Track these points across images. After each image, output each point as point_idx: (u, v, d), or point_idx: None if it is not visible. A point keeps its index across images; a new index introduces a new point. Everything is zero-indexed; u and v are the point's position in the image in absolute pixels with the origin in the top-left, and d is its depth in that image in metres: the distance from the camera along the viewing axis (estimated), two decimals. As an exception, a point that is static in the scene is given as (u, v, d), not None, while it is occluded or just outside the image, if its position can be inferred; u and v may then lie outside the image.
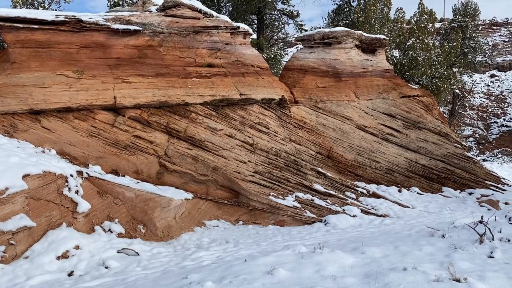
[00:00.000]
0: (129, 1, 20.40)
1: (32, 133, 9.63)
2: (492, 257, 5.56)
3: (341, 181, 13.38)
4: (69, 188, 8.12)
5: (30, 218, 7.00)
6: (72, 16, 10.52)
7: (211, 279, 5.10)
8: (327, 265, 5.24)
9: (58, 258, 6.98)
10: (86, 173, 9.15)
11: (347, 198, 12.49)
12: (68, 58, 10.41)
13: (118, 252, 7.69)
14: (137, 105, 10.71)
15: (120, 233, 8.64)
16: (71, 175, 8.34)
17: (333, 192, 12.41)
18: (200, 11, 12.50)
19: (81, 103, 10.12)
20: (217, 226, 10.61)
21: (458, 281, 4.37)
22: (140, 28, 11.19)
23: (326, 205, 11.74)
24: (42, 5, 17.77)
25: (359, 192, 13.31)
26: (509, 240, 6.31)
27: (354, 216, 11.44)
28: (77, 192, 8.30)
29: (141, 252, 7.86)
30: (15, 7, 16.23)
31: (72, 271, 6.72)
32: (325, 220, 10.99)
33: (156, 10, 12.26)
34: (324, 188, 12.40)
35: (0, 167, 6.93)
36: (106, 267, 6.94)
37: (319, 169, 13.24)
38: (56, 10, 17.82)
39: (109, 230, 8.57)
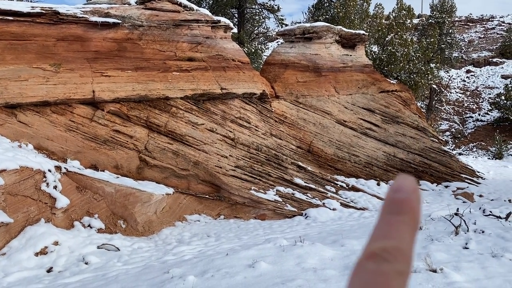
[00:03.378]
0: (107, -7, 20.04)
1: (8, 127, 9.41)
2: (467, 248, 5.73)
3: (321, 175, 13.52)
4: (47, 184, 7.98)
5: (7, 214, 6.87)
6: (48, 8, 10.28)
7: (193, 273, 5.12)
8: (307, 257, 5.32)
9: (36, 254, 6.88)
10: (65, 168, 9.00)
11: (327, 192, 12.63)
12: (45, 51, 10.18)
13: (98, 247, 7.62)
14: (117, 99, 10.57)
15: (100, 228, 8.55)
16: (49, 170, 8.20)
17: (313, 186, 12.54)
18: (180, 4, 12.38)
19: (59, 97, 9.93)
20: (199, 221, 10.60)
21: (435, 271, 4.50)
22: (119, 21, 11.03)
23: (307, 198, 11.85)
24: (17, -4, 17.30)
25: (338, 185, 13.48)
26: (483, 232, 6.51)
27: (334, 209, 11.59)
28: (55, 187, 8.17)
29: (122, 247, 7.81)
30: (-12, -3, 15.76)
31: (51, 267, 6.63)
32: (305, 214, 11.11)
33: (136, 3, 12.08)
34: (305, 182, 12.51)
35: (-25, 162, 6.77)
36: (86, 263, 6.88)
37: (300, 163, 13.35)
38: (31, 1, 17.38)
39: (89, 225, 8.47)
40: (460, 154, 28.02)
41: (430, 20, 33.50)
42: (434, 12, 33.61)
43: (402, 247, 0.36)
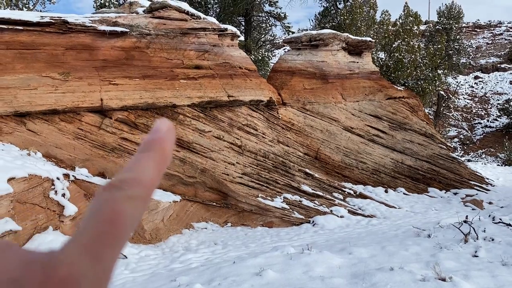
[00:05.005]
0: (115, 3, 20.28)
1: (17, 135, 9.51)
2: (477, 256, 5.67)
3: (329, 182, 13.47)
4: (56, 191, 8.03)
5: (16, 222, 6.91)
6: (57, 17, 10.42)
7: (200, 281, 5.11)
8: (315, 266, 5.29)
9: (44, 262, 6.89)
10: (73, 176, 9.06)
11: (334, 199, 12.58)
12: (54, 59, 10.30)
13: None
14: (124, 107, 10.64)
15: (108, 236, 8.57)
16: (58, 178, 8.25)
17: (320, 193, 12.49)
18: (187, 13, 12.48)
19: (67, 105, 10.02)
20: (206, 228, 10.59)
21: (444, 280, 4.45)
22: (127, 30, 11.14)
23: (314, 206, 11.81)
24: (27, 6, 17.57)
25: (346, 192, 13.41)
26: (493, 240, 6.44)
27: (341, 216, 11.53)
28: (63, 195, 8.21)
29: (129, 255, 7.82)
30: (-1, 8, 16.02)
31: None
32: (313, 221, 11.06)
33: (143, 11, 12.21)
34: (312, 189, 12.47)
35: (-16, 170, 6.84)
36: (94, 271, 6.88)
37: (307, 170, 13.32)
38: (41, 11, 17.62)
39: (97, 233, 8.48)
40: (468, 160, 27.80)
41: (438, 26, 33.43)
42: (441, 18, 33.55)
43: (140, 177, 0.38)
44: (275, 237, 9.73)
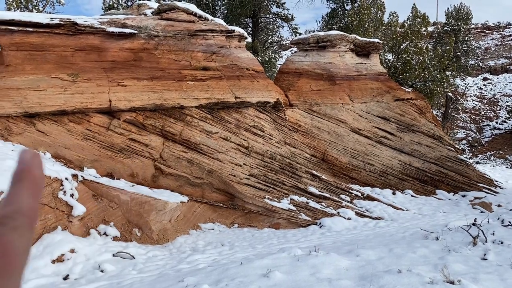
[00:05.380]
0: (124, 4, 20.41)
1: (26, 136, 9.60)
2: (486, 259, 5.63)
3: (336, 184, 13.44)
4: (64, 192, 8.10)
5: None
6: (67, 19, 10.51)
7: (207, 282, 5.13)
8: (322, 267, 5.28)
9: (53, 261, 6.96)
10: (81, 176, 9.12)
11: (341, 201, 12.55)
12: (63, 61, 10.40)
13: (113, 255, 7.68)
14: (133, 108, 10.71)
15: (116, 236, 8.62)
16: (66, 179, 8.32)
17: (328, 195, 12.47)
18: (195, 15, 12.54)
19: (76, 106, 10.10)
20: (213, 229, 10.61)
21: (452, 283, 4.42)
22: (135, 31, 11.21)
23: (321, 207, 11.79)
24: (37, 7, 17.74)
25: (353, 194, 13.37)
26: (502, 242, 6.39)
27: (348, 218, 11.50)
28: (72, 195, 8.28)
29: (137, 256, 7.86)
30: (9, 9, 16.19)
31: (68, 275, 6.70)
32: (320, 223, 11.04)
33: (151, 13, 12.28)
34: (319, 191, 12.45)
35: (-5, 170, 6.91)
36: (102, 271, 6.93)
37: (314, 172, 13.30)
38: (50, 13, 17.78)
39: (105, 233, 8.55)
40: (477, 163, 27.60)
41: (446, 28, 33.26)
42: (450, 20, 33.38)
43: (19, 208, 0.40)
44: (282, 239, 9.73)
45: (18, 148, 8.96)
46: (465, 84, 39.23)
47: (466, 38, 32.94)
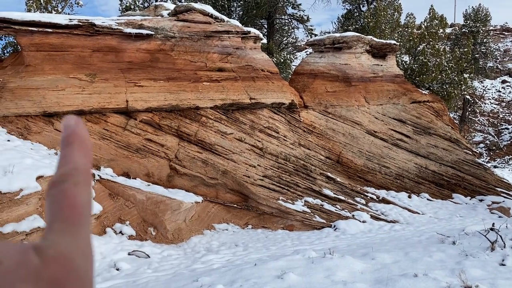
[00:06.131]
0: (141, 5, 20.61)
1: (45, 135, 9.77)
2: (504, 265, 5.53)
3: (351, 187, 13.35)
4: (81, 190, 8.19)
5: (43, 220, 7.09)
6: (85, 20, 10.66)
7: (221, 282, 5.14)
8: (337, 270, 5.25)
9: (70, 259, 7.05)
10: (98, 175, 9.24)
11: (356, 204, 12.46)
12: (81, 61, 10.55)
13: (129, 254, 7.75)
14: (149, 109, 10.81)
15: (131, 235, 8.71)
16: (83, 177, 8.42)
17: (342, 197, 12.39)
18: (211, 16, 12.60)
19: (94, 106, 10.24)
20: (227, 230, 10.64)
21: (470, 288, 4.36)
22: (152, 33, 11.31)
23: (336, 210, 11.72)
24: (56, 9, 18.02)
25: (368, 197, 13.27)
26: (521, 248, 6.26)
27: (363, 221, 11.41)
28: (89, 194, 8.37)
29: (152, 255, 7.92)
30: (29, 11, 16.49)
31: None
32: (334, 226, 10.98)
33: (168, 14, 12.38)
34: (334, 193, 12.39)
35: (14, 168, 7.04)
36: (117, 269, 7.01)
37: (329, 174, 13.24)
38: (69, 14, 18.05)
39: (120, 232, 8.64)
40: (495, 167, 27.14)
41: (464, 30, 32.79)
42: (468, 21, 32.89)
43: (75, 166, 0.43)
44: (296, 241, 9.70)
45: (36, 147, 9.12)
46: (483, 86, 38.62)
47: (484, 40, 32.42)
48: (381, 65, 16.43)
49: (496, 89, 41.03)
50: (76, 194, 0.42)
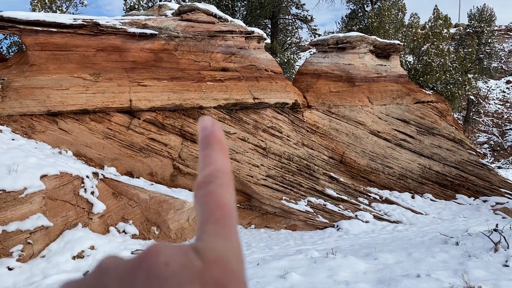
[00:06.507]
0: (145, 5, 20.66)
1: (49, 134, 9.81)
2: (507, 266, 5.52)
3: (354, 187, 13.34)
4: (85, 189, 8.25)
5: (47, 218, 7.13)
6: (89, 19, 10.71)
7: (224, 281, 5.14)
8: (339, 270, 5.26)
9: (73, 257, 7.09)
10: (102, 174, 9.27)
11: (359, 204, 12.45)
12: (85, 61, 10.59)
13: (132, 253, 7.78)
14: (152, 108, 10.84)
15: (134, 234, 8.74)
16: (87, 176, 8.47)
17: (345, 198, 12.38)
18: (215, 16, 12.62)
19: (98, 105, 10.28)
20: (229, 229, 10.64)
21: (473, 289, 4.35)
22: (156, 32, 11.34)
23: (339, 210, 11.71)
24: (60, 8, 18.09)
25: (371, 197, 13.25)
26: (524, 249, 6.24)
27: (366, 222, 11.40)
28: (92, 193, 8.42)
29: (155, 254, 7.93)
30: (34, 10, 16.56)
31: (88, 271, 6.80)
32: (337, 226, 10.97)
33: (172, 14, 12.41)
34: (337, 193, 12.38)
35: (19, 167, 7.08)
36: (121, 268, 7.03)
37: (332, 174, 13.23)
38: (73, 13, 18.12)
39: (124, 231, 8.67)
40: (499, 167, 27.03)
41: (468, 30, 32.66)
42: (472, 22, 32.75)
43: (219, 168, 0.45)
44: (299, 240, 9.70)
45: (41, 146, 9.16)
46: (488, 87, 38.46)
47: (489, 40, 32.27)
48: (385, 65, 16.40)
49: (501, 90, 40.85)
50: (223, 195, 0.43)
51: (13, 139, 8.80)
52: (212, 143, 0.47)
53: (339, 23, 28.03)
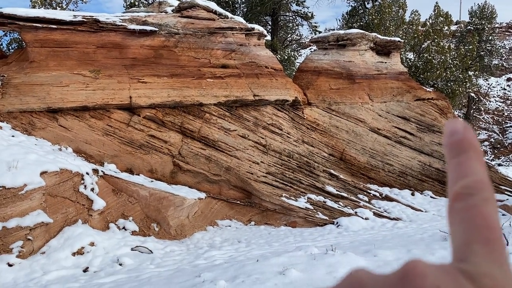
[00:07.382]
0: (145, 2, 20.63)
1: (49, 131, 9.81)
2: (507, 263, 5.51)
3: (354, 184, 13.34)
4: (85, 186, 8.26)
5: (47, 215, 7.14)
6: (89, 16, 10.69)
7: (223, 278, 5.16)
8: (339, 267, 5.26)
9: (73, 254, 7.11)
10: (102, 171, 9.28)
11: (359, 201, 12.45)
12: (85, 57, 10.58)
13: (132, 249, 7.79)
14: (152, 105, 10.83)
15: (134, 231, 8.75)
16: (87, 173, 8.48)
17: (345, 195, 12.39)
18: (215, 12, 12.59)
19: (98, 102, 10.27)
20: (230, 226, 10.67)
21: (472, 285, 4.35)
22: (156, 29, 11.32)
23: (338, 207, 11.72)
24: (60, 5, 18.07)
25: (371, 194, 13.25)
26: (524, 246, 6.25)
27: (366, 218, 11.41)
28: (92, 189, 8.43)
29: (155, 250, 7.96)
30: (33, 7, 16.54)
31: (87, 267, 6.84)
32: (337, 222, 10.98)
33: (172, 11, 12.38)
34: (337, 190, 12.38)
35: (19, 164, 7.09)
36: (120, 264, 7.05)
37: (332, 171, 13.23)
38: (73, 10, 18.09)
39: (123, 227, 8.68)
40: (499, 165, 27.03)
41: (469, 27, 32.61)
42: (473, 19, 32.71)
43: (480, 178, 0.39)
44: (299, 237, 9.71)
45: (41, 143, 9.16)
46: (488, 84, 38.41)
47: (490, 38, 32.24)
48: (385, 62, 16.37)
49: (501, 87, 40.79)
50: (490, 212, 0.37)
51: (13, 136, 8.80)
52: (466, 149, 0.41)
53: (339, 20, 28.01)
